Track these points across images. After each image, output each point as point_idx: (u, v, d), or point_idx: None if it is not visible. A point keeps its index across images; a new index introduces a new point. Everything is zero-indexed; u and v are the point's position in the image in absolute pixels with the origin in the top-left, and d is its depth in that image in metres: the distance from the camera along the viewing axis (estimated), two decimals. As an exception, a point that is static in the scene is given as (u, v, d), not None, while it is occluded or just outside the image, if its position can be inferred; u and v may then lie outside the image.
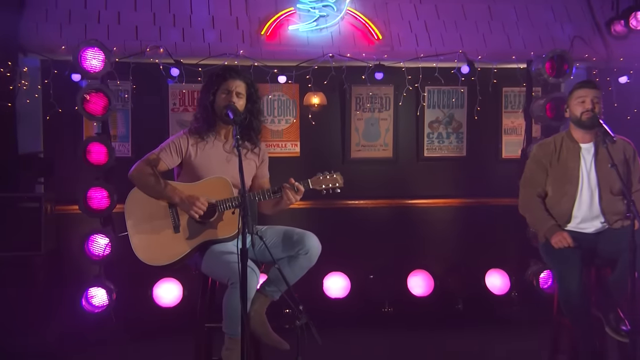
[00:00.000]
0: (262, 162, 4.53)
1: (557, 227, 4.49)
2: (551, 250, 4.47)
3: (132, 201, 4.23)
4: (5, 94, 6.29)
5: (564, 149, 4.68)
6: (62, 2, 6.59)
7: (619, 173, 4.21)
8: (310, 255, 4.24)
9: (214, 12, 6.76)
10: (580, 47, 6.90)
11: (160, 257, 4.12)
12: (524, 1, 7.16)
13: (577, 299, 4.31)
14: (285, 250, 4.21)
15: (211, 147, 4.29)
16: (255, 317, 4.18)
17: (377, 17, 6.88)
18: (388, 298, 6.78)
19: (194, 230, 4.13)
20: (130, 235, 4.16)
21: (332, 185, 4.33)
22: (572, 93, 4.65)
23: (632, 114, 6.96)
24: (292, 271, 4.22)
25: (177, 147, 4.26)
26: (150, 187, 4.16)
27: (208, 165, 4.28)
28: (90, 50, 5.86)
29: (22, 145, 6.45)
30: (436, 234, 7.18)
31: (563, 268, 4.40)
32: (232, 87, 4.22)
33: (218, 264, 4.04)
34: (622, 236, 4.10)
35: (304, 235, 4.23)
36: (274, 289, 4.17)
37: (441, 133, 7.18)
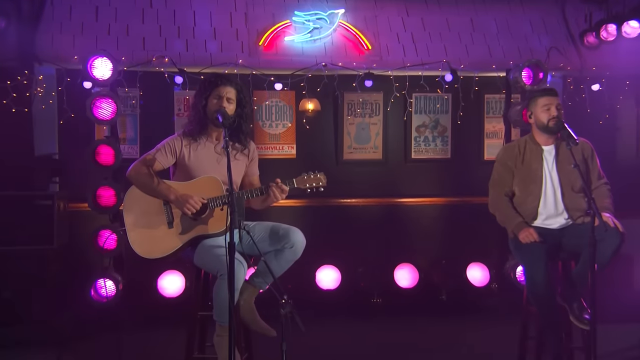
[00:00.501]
0: (251, 160, 4.52)
1: (524, 224, 4.52)
2: (519, 245, 4.51)
3: (130, 199, 4.25)
4: (22, 100, 6.30)
5: (527, 152, 4.70)
6: (75, 15, 6.60)
7: (581, 172, 4.24)
8: (295, 249, 4.23)
9: (215, 24, 6.78)
10: (556, 57, 6.93)
11: (155, 250, 4.14)
12: (504, 14, 7.18)
13: (542, 290, 4.37)
14: (272, 244, 4.21)
15: (203, 148, 4.29)
16: (245, 306, 4.19)
17: (367, 29, 6.92)
18: (376, 289, 6.79)
19: (186, 226, 4.13)
20: (127, 231, 4.18)
21: (315, 184, 4.32)
22: (536, 101, 4.67)
23: (603, 119, 7.01)
24: (278, 264, 4.22)
25: (172, 148, 4.27)
26: (147, 185, 4.18)
27: (200, 165, 4.28)
28: (99, 59, 5.89)
29: (38, 148, 6.50)
30: (422, 230, 7.19)
31: (529, 261, 4.45)
32: (223, 93, 4.23)
33: (208, 257, 4.05)
34: (585, 231, 4.11)
35: (289, 231, 4.23)
36: (262, 280, 4.18)
37: (427, 137, 7.21)
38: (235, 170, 4.27)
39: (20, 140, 6.44)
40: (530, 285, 4.47)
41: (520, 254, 4.55)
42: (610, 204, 4.56)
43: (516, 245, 4.57)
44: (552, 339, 4.41)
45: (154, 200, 4.20)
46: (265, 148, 6.97)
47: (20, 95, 6.31)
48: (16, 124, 6.38)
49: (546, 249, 4.44)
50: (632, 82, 7.04)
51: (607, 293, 6.47)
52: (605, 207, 4.48)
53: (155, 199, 4.19)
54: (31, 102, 6.43)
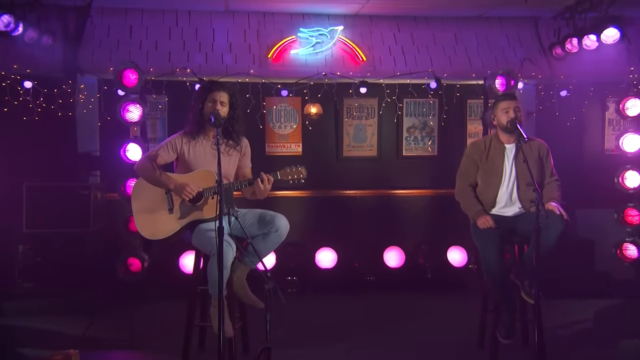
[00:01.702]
0: (243, 155, 4.48)
1: (482, 212, 4.54)
2: (477, 230, 4.52)
3: (137, 188, 4.32)
4: (66, 105, 6.39)
5: (492, 148, 4.69)
6: (112, 33, 6.68)
7: (529, 168, 4.22)
8: (280, 233, 4.26)
9: (231, 39, 6.82)
10: (528, 67, 6.91)
11: (158, 232, 4.20)
12: (483, 30, 7.15)
13: (495, 269, 4.40)
14: (260, 229, 4.24)
15: (200, 145, 4.29)
16: (237, 282, 4.26)
17: (362, 43, 6.94)
18: (369, 269, 6.81)
19: (184, 212, 4.18)
20: (134, 215, 4.25)
21: (297, 176, 4.28)
22: (498, 105, 4.65)
23: (570, 121, 6.99)
24: (265, 245, 4.26)
25: (173, 146, 4.30)
26: (150, 177, 4.21)
27: (198, 160, 4.28)
28: (128, 70, 5.94)
29: (81, 146, 6.60)
30: (410, 218, 7.21)
31: (484, 244, 4.46)
32: (216, 97, 4.23)
33: (203, 239, 4.09)
34: (542, 220, 4.08)
35: (275, 217, 4.26)
36: (252, 259, 4.22)
37: (416, 136, 7.24)
38: (229, 164, 4.34)
39: (65, 140, 6.54)
40: (485, 265, 4.49)
41: (477, 238, 4.55)
42: (558, 196, 4.54)
43: (474, 231, 4.58)
44: (505, 312, 4.43)
45: (157, 190, 4.24)
46: (275, 146, 7.07)
47: (65, 102, 6.40)
48: (62, 126, 6.48)
49: (500, 234, 4.45)
50: (596, 89, 7.00)
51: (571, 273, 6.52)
52: (554, 198, 4.48)
53: (158, 188, 4.22)
54: (74, 107, 6.50)
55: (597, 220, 6.84)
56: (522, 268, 4.58)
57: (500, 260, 4.42)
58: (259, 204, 4.46)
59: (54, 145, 6.46)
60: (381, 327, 5.39)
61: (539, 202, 4.09)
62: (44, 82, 6.36)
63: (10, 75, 6.26)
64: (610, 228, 6.69)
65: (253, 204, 4.49)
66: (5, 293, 5.95)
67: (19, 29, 5.57)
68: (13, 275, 6.01)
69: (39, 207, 6.12)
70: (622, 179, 6.48)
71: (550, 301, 6.09)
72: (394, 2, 6.59)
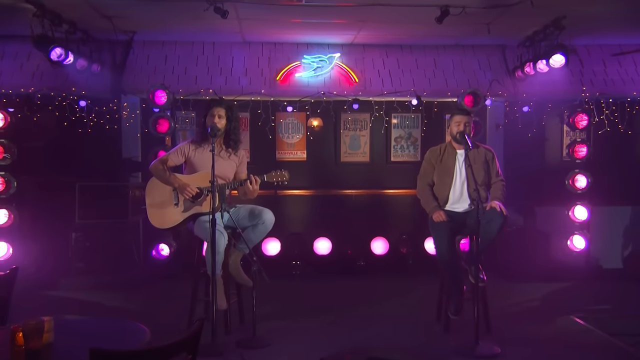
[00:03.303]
0: (240, 163, 4.52)
1: (437, 207, 4.57)
2: (432, 224, 4.57)
3: (150, 186, 4.44)
4: (113, 120, 6.61)
5: (446, 153, 4.71)
6: (150, 61, 6.87)
7: (472, 172, 4.31)
8: (266, 224, 4.33)
9: (247, 65, 6.94)
10: (496, 87, 6.90)
11: (165, 223, 4.34)
12: (459, 56, 7.15)
13: (446, 256, 4.44)
14: (250, 221, 4.34)
15: (204, 151, 4.34)
16: (232, 265, 4.35)
17: (355, 67, 7.01)
18: (359, 256, 6.85)
19: (187, 206, 4.31)
20: (147, 208, 4.39)
21: (280, 179, 4.33)
22: (453, 118, 4.67)
23: (532, 133, 6.93)
24: (255, 235, 4.34)
25: (182, 151, 4.40)
26: (161, 177, 4.33)
27: (201, 163, 4.34)
28: (159, 91, 6.21)
29: (124, 152, 6.77)
30: (395, 213, 7.22)
31: (437, 235, 4.51)
32: (215, 112, 4.33)
33: (201, 229, 4.20)
34: (483, 215, 4.15)
35: (262, 211, 4.34)
36: (244, 246, 4.28)
37: (402, 145, 7.25)
38: (227, 168, 4.42)
39: (112, 148, 6.70)
40: (437, 253, 4.55)
41: (432, 230, 4.59)
42: (501, 195, 4.55)
43: (431, 224, 4.61)
44: (454, 293, 4.47)
45: (166, 187, 4.36)
46: (284, 153, 7.16)
47: (112, 117, 6.61)
48: (109, 136, 6.67)
49: (451, 227, 4.48)
50: (553, 105, 6.92)
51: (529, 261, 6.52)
52: (497, 197, 4.51)
53: (167, 186, 4.35)
54: (120, 121, 6.70)
55: (553, 215, 6.80)
56: (471, 256, 4.65)
57: (450, 248, 4.46)
58: (260, 202, 4.53)
59: (102, 152, 6.66)
60: (363, 304, 5.42)
61: (478, 201, 4.17)
62: (95, 101, 6.57)
63: (69, 96, 6.51)
64: (562, 222, 6.69)
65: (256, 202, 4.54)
66: (62, 271, 6.17)
67: (69, 59, 5.79)
68: (67, 257, 6.19)
69: (88, 202, 6.28)
70: (572, 181, 6.48)
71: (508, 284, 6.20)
72: (383, 33, 6.65)
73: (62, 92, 6.50)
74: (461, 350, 4.08)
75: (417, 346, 4.27)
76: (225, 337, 4.31)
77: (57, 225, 6.37)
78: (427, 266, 6.70)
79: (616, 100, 6.84)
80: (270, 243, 6.65)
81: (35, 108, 6.50)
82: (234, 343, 4.20)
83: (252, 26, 6.34)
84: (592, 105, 6.79)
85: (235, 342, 4.22)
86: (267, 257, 6.61)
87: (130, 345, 2.33)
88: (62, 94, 6.49)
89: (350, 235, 6.99)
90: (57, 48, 5.59)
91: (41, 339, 2.28)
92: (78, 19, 5.99)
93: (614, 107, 6.81)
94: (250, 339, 4.22)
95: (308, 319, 4.93)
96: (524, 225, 6.96)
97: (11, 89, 6.47)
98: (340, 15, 5.95)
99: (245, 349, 4.12)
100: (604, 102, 6.79)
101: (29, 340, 2.27)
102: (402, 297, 5.72)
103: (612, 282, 6.36)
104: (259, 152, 7.03)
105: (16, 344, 2.29)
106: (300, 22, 6.19)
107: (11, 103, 6.41)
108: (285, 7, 5.61)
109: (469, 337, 4.09)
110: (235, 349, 4.12)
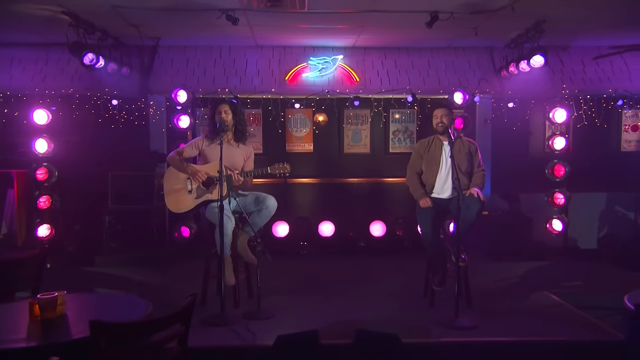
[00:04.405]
0: (248, 157, 4.54)
1: (424, 195, 4.54)
2: (419, 209, 4.54)
3: (167, 175, 4.48)
4: (141, 117, 6.67)
5: (433, 144, 4.67)
6: (174, 64, 6.85)
7: (454, 163, 4.27)
8: (270, 209, 4.36)
9: (259, 67, 6.91)
10: (484, 85, 6.81)
11: (180, 207, 4.39)
12: (451, 57, 7.04)
13: (430, 238, 4.45)
14: (256, 206, 4.37)
15: (215, 145, 4.36)
16: (240, 245, 4.39)
17: (357, 68, 6.95)
18: (359, 237, 6.84)
19: (199, 193, 4.36)
20: (165, 195, 4.44)
21: (282, 171, 4.34)
22: (433, 112, 4.63)
23: (516, 126, 6.85)
24: (260, 218, 4.37)
25: (195, 144, 4.45)
26: (177, 166, 4.39)
27: (212, 155, 4.39)
28: (181, 90, 6.23)
29: (152, 146, 6.78)
30: (393, 199, 7.16)
31: (423, 219, 4.50)
32: (221, 109, 4.38)
33: (211, 214, 4.25)
34: (463, 201, 4.13)
35: (266, 197, 4.37)
36: (250, 229, 4.30)
37: (400, 138, 7.19)
38: (236, 157, 4.42)
39: (140, 141, 6.74)
40: (423, 235, 4.55)
41: (419, 215, 4.57)
42: (481, 183, 4.52)
43: (417, 209, 4.59)
44: (438, 269, 4.47)
45: (181, 176, 4.41)
46: (293, 145, 7.13)
47: (140, 114, 6.67)
48: (138, 131, 6.71)
49: (435, 212, 4.47)
50: (536, 101, 6.82)
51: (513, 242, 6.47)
52: (476, 185, 4.48)
53: (182, 175, 4.39)
54: (147, 118, 6.74)
55: (534, 201, 6.73)
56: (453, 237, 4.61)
57: (434, 231, 4.45)
58: (271, 189, 4.56)
59: (131, 146, 6.70)
60: (361, 281, 5.42)
61: (459, 188, 4.14)
62: (126, 100, 6.64)
63: (103, 96, 6.58)
64: (543, 207, 6.61)
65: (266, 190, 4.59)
66: (96, 250, 6.27)
67: (99, 62, 5.83)
68: (101, 237, 6.28)
69: (119, 189, 6.36)
70: (551, 170, 6.38)
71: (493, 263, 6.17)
72: (381, 36, 6.56)
73: (97, 93, 6.57)
74: (443, 322, 4.06)
75: (404, 319, 4.26)
76: (233, 310, 4.34)
77: (92, 209, 6.47)
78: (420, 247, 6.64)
79: (593, 97, 6.74)
80: (280, 226, 6.66)
81: (73, 107, 6.59)
82: (241, 315, 4.23)
83: (263, 32, 6.32)
84: (571, 101, 6.69)
85: (242, 314, 4.25)
86: (277, 238, 6.64)
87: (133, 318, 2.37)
88: (96, 94, 6.57)
89: (351, 219, 6.96)
90: (89, 53, 5.63)
91: (55, 310, 2.34)
92: (109, 27, 6.03)
93: (591, 103, 6.72)
94: (255, 311, 4.25)
95: (311, 294, 4.94)
96: (508, 209, 6.89)
97: (54, 90, 6.57)
98: (341, 21, 5.90)
99: (250, 320, 4.15)
100: (582, 99, 6.70)
101: (44, 312, 2.33)
102: (395, 275, 5.69)
103: (587, 261, 6.30)
104: (270, 144, 7.03)
105: (34, 315, 2.35)
106: (306, 27, 6.15)
107: (54, 102, 6.51)
108: (292, 14, 5.56)
109: (451, 311, 4.08)
110: (241, 320, 4.14)
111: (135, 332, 2.13)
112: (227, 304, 4.15)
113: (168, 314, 2.19)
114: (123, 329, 2.06)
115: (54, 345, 1.91)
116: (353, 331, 3.59)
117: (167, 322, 2.17)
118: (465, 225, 4.28)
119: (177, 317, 2.23)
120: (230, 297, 4.39)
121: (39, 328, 2.26)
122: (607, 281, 5.48)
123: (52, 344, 2.06)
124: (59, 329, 2.27)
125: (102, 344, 2.01)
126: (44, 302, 2.31)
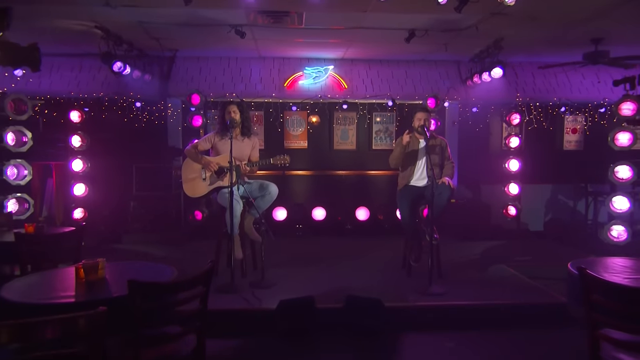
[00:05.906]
0: (253, 147, 4.49)
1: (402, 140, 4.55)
2: (399, 196, 4.57)
3: (185, 166, 4.48)
4: (160, 117, 6.66)
5: (412, 141, 4.65)
6: (189, 72, 6.83)
7: (429, 157, 4.32)
8: (272, 195, 4.35)
9: (262, 75, 6.90)
10: (452, 92, 6.88)
11: (195, 193, 4.38)
12: (425, 69, 7.08)
13: (407, 220, 4.49)
14: (259, 192, 4.35)
15: (226, 139, 4.33)
16: (247, 226, 4.41)
17: (345, 76, 6.97)
18: (347, 221, 6.86)
19: (212, 180, 4.35)
20: (183, 182, 4.43)
21: (283, 162, 4.32)
22: (415, 114, 4.64)
23: (479, 128, 6.95)
24: (263, 203, 4.35)
25: (209, 139, 4.42)
26: (193, 157, 4.38)
27: (223, 148, 4.36)
28: (194, 95, 6.19)
29: (169, 142, 6.76)
30: (375, 189, 7.21)
31: (402, 204, 4.54)
32: (230, 109, 4.35)
33: (223, 198, 4.22)
34: (437, 188, 4.17)
35: (269, 185, 4.36)
36: (255, 211, 4.31)
37: (381, 136, 7.22)
38: (244, 149, 4.41)
39: (160, 138, 6.73)
40: (401, 217, 4.57)
41: (398, 200, 4.60)
42: (451, 173, 4.54)
43: (398, 197, 4.62)
44: (415, 247, 4.53)
45: (196, 166, 4.40)
46: (290, 142, 7.14)
47: (159, 115, 6.67)
48: (158, 129, 6.71)
49: (412, 198, 4.51)
50: (495, 107, 6.95)
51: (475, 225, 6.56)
52: (447, 174, 4.52)
53: (197, 165, 4.38)
54: (166, 118, 6.73)
55: (493, 191, 6.85)
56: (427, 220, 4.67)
57: (411, 215, 4.49)
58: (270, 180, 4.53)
59: (152, 142, 6.69)
60: (348, 257, 5.44)
61: (433, 178, 4.19)
62: (147, 103, 6.63)
63: (128, 99, 6.56)
64: (500, 196, 6.73)
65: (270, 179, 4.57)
66: (123, 230, 6.28)
67: (126, 70, 5.82)
68: (127, 219, 6.31)
69: (142, 178, 6.37)
70: (507, 165, 6.50)
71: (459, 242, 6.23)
72: (366, 50, 6.61)
73: (123, 96, 6.55)
74: (418, 289, 4.12)
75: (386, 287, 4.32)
76: (241, 280, 4.37)
77: (119, 195, 6.47)
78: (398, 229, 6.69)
79: (542, 104, 6.88)
80: (279, 211, 6.71)
81: (103, 108, 6.57)
82: (248, 284, 4.27)
83: (265, 44, 6.33)
84: (523, 107, 6.81)
85: (249, 283, 4.29)
86: (277, 221, 6.68)
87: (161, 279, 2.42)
88: (122, 97, 6.56)
89: (340, 205, 7.00)
90: (117, 62, 5.62)
91: (97, 274, 2.38)
92: (134, 40, 6.01)
93: (540, 109, 6.85)
94: (259, 281, 4.27)
95: (306, 267, 4.99)
96: (472, 198, 7.00)
97: (86, 94, 6.54)
98: (333, 36, 5.94)
99: (255, 288, 4.18)
100: (532, 105, 6.83)
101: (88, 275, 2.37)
102: (377, 252, 5.72)
103: (535, 240, 6.43)
104: (271, 141, 7.05)
105: (79, 277, 2.39)
106: (302, 41, 6.18)
107: (86, 104, 6.49)
108: (291, 30, 5.59)
109: (425, 281, 4.15)
110: (248, 288, 4.18)
111: (165, 290, 2.18)
112: (236, 275, 4.19)
113: (192, 276, 2.24)
114: (155, 288, 2.11)
115: (98, 301, 1.95)
116: (343, 297, 3.67)
117: (192, 283, 2.23)
118: (437, 209, 4.31)
119: (199, 279, 2.28)
120: (238, 269, 4.43)
121: (84, 288, 2.30)
122: (552, 256, 5.60)
123: (97, 300, 2.11)
124: (101, 288, 2.31)
125: (138, 300, 2.06)
126: (87, 266, 2.35)
